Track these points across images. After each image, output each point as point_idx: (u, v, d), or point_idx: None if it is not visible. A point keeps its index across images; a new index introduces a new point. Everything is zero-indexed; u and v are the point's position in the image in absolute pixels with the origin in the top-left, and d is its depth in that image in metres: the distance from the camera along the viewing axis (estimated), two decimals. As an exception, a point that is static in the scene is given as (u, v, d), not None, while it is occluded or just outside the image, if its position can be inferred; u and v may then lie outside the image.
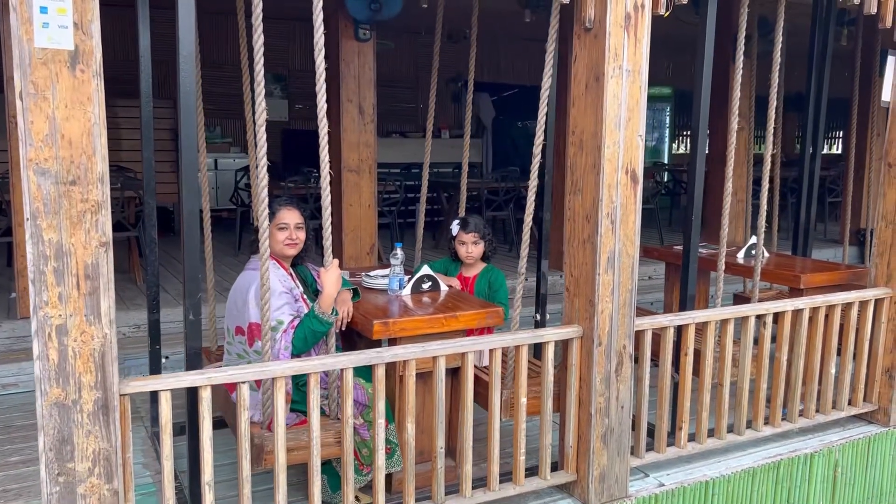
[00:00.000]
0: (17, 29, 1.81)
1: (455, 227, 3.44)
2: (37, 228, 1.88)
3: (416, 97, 10.57)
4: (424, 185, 4.11)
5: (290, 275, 2.89)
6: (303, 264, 3.04)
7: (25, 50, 1.82)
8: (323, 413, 2.71)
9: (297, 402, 2.65)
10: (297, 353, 2.63)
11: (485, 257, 3.46)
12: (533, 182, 2.93)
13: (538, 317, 3.63)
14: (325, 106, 2.43)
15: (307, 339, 2.61)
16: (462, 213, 3.87)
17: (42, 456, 1.95)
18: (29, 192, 1.87)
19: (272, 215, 2.82)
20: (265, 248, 2.45)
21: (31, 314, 1.91)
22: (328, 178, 2.48)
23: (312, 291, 3.03)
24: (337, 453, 2.60)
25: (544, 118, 2.97)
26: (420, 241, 4.15)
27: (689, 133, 13.43)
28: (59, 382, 1.94)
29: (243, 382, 2.27)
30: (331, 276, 2.62)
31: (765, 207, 3.65)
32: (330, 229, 2.51)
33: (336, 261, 2.63)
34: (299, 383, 2.67)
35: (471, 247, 3.39)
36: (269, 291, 2.46)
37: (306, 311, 2.75)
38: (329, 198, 2.48)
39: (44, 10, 1.83)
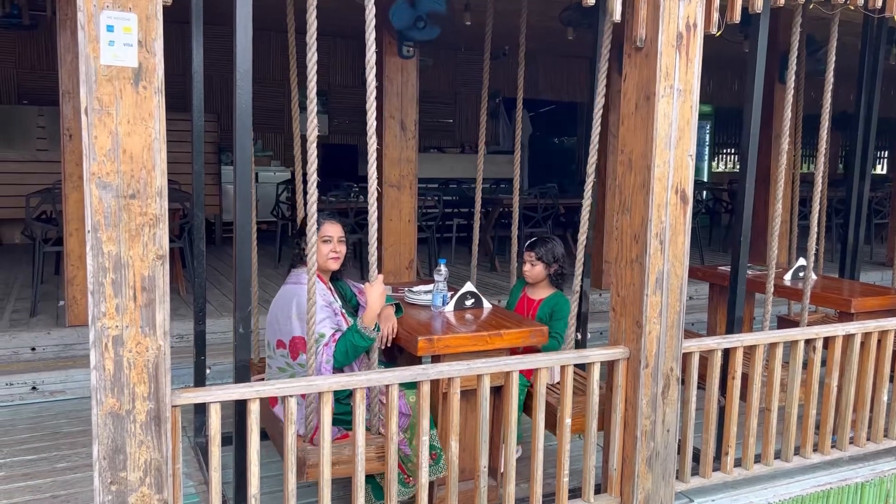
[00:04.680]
0: (84, 46, 1.86)
1: (526, 243, 3.58)
2: (97, 241, 1.92)
3: (453, 113, 10.62)
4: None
5: (330, 289, 2.92)
6: (342, 279, 3.07)
7: (92, 67, 1.86)
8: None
9: (339, 415, 2.66)
10: (338, 367, 2.64)
11: (555, 283, 3.51)
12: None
13: (579, 336, 3.60)
14: (375, 123, 2.47)
15: (349, 353, 2.62)
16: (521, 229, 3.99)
17: (96, 464, 1.98)
18: (91, 205, 1.91)
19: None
20: (313, 262, 2.48)
21: (89, 324, 1.95)
22: (375, 195, 2.50)
23: (353, 306, 3.05)
24: (378, 468, 2.60)
25: (596, 135, 2.97)
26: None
27: (729, 151, 13.28)
28: (114, 392, 1.97)
29: (290, 396, 2.28)
30: (375, 291, 2.63)
31: (815, 229, 3.58)
32: (376, 244, 2.53)
33: (381, 276, 2.64)
34: (340, 397, 2.67)
35: (527, 265, 3.49)
36: (314, 305, 2.49)
37: (345, 326, 2.76)
38: (376, 213, 2.50)
39: (110, 28, 1.88)
